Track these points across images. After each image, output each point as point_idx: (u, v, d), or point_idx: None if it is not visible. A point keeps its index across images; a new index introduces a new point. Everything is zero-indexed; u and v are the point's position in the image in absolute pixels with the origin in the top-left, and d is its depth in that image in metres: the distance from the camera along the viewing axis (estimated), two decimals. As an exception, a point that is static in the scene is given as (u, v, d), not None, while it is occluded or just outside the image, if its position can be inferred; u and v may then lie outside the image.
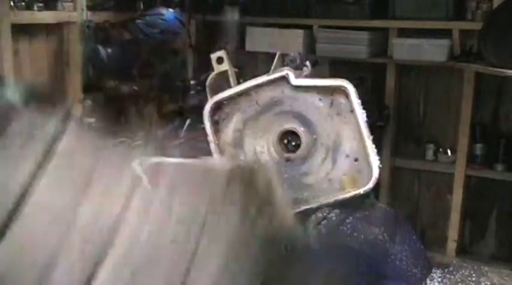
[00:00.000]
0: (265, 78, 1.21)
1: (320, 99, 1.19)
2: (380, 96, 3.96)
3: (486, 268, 1.10)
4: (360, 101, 1.13)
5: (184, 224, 0.69)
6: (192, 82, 3.78)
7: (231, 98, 1.24)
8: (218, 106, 1.25)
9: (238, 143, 1.27)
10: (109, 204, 0.72)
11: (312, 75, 1.24)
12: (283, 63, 1.26)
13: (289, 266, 0.70)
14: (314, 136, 1.21)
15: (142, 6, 3.82)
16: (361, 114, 1.14)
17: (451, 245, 3.87)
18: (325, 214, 1.13)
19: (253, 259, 0.67)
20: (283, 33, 4.08)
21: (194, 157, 0.78)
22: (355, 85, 1.15)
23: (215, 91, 1.24)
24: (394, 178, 4.15)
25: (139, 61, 3.95)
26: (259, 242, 0.68)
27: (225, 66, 1.22)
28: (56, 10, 3.31)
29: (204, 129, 1.25)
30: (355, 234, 1.07)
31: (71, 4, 3.36)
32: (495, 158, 3.73)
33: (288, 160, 1.23)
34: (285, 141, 1.26)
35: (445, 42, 3.68)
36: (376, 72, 4.05)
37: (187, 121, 3.78)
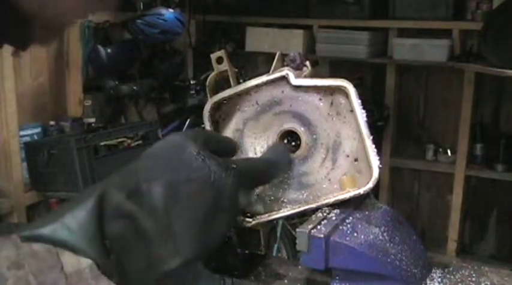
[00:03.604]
0: (265, 78, 1.21)
1: (320, 99, 1.19)
2: (380, 96, 3.96)
3: (486, 268, 1.10)
4: (360, 101, 1.13)
5: None
6: (192, 82, 3.78)
7: (231, 98, 1.23)
8: (218, 106, 1.24)
9: (238, 143, 1.26)
10: None
11: (312, 75, 1.23)
12: (283, 63, 1.25)
13: None
14: (314, 136, 1.20)
15: (142, 6, 3.83)
16: (361, 114, 1.13)
17: (451, 245, 3.87)
18: (325, 214, 1.13)
19: None
20: (283, 33, 4.09)
21: None
22: (355, 85, 1.14)
23: (215, 91, 1.24)
24: (394, 178, 4.15)
25: (139, 61, 3.96)
26: None
27: (225, 66, 1.21)
28: (56, 10, 3.31)
29: (204, 128, 1.25)
30: (355, 234, 1.06)
31: (71, 4, 3.36)
32: (495, 158, 3.73)
33: (288, 160, 1.23)
34: (285, 141, 1.26)
35: (445, 42, 3.69)
36: (376, 72, 4.05)
37: (187, 121, 3.79)
